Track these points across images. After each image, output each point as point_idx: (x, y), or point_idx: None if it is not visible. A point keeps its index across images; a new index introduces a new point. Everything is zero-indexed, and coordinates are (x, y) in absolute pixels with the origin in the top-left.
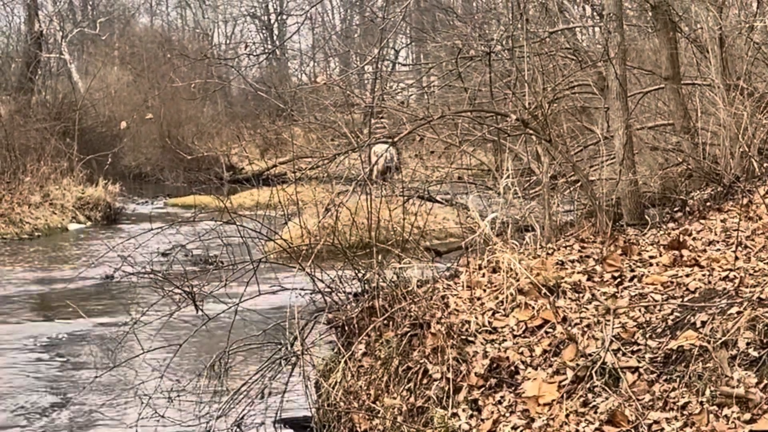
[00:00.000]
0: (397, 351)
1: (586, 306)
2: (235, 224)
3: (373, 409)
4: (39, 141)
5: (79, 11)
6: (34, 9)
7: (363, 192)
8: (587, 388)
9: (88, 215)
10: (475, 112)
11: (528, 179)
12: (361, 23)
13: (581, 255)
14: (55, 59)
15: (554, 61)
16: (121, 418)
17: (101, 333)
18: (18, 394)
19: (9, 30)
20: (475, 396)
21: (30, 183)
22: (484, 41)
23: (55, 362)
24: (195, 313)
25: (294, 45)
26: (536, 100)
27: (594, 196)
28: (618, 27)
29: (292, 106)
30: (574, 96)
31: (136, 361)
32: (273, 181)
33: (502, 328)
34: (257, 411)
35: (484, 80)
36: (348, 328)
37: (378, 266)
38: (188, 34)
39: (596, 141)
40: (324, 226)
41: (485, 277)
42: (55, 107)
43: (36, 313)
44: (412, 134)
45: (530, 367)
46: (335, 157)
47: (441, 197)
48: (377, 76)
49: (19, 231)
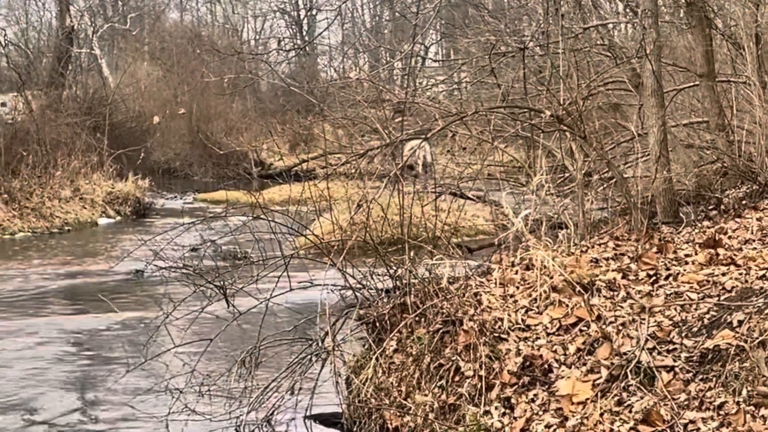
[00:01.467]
0: (429, 348)
1: (621, 304)
2: (266, 219)
3: (404, 406)
4: (70, 136)
5: (110, 6)
6: (66, 4)
7: (395, 188)
8: (622, 387)
9: (117, 210)
10: (508, 108)
11: (561, 176)
12: (392, 19)
13: (616, 253)
14: (86, 54)
15: (588, 57)
16: (152, 412)
17: (132, 327)
18: (49, 388)
19: (40, 25)
20: (508, 394)
21: (60, 177)
22: (518, 37)
23: (85, 356)
24: (226, 308)
25: (323, 41)
26: (571, 96)
27: (629, 193)
28: (653, 23)
29: (322, 102)
30: (607, 92)
31: (167, 356)
32: (302, 177)
33: (536, 325)
34: (287, 406)
35: (518, 76)
36: (379, 324)
37: (410, 262)
38: (218, 30)
39: (630, 138)
40: (355, 222)
41: (518, 275)
42: (86, 102)
43: (67, 308)
44: (444, 130)
45: (564, 366)
46: (366, 153)
47: (473, 194)
48: (408, 71)
49: (50, 225)
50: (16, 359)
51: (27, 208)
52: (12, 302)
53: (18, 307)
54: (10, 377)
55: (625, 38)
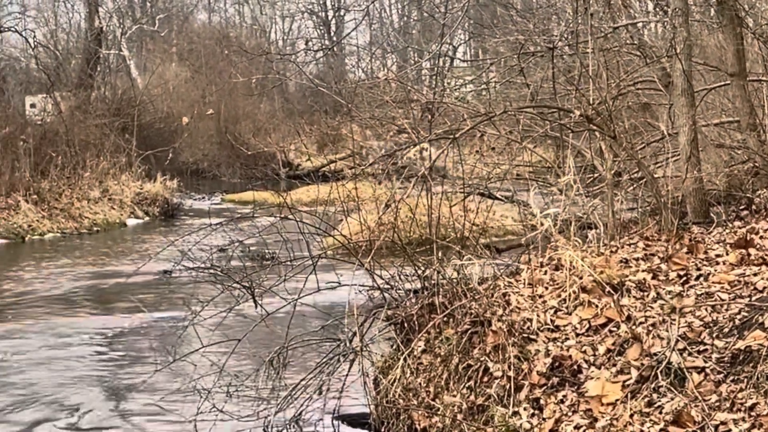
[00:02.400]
0: (457, 348)
1: (651, 305)
2: (294, 220)
3: (433, 407)
4: (98, 136)
5: (138, 8)
6: (95, 6)
7: (423, 188)
8: (652, 388)
9: (146, 210)
10: (537, 108)
11: (590, 176)
12: (420, 19)
13: (646, 253)
14: (115, 56)
15: (618, 56)
16: (180, 412)
17: (160, 327)
18: (77, 387)
19: (69, 27)
20: (537, 395)
21: (89, 178)
22: (547, 37)
23: (114, 356)
24: (254, 308)
25: (351, 41)
26: (600, 95)
27: (659, 193)
28: (684, 22)
29: (350, 102)
30: (637, 92)
31: (196, 356)
32: (330, 178)
33: (565, 326)
34: (315, 407)
35: (546, 76)
36: (407, 324)
37: (438, 263)
38: (246, 31)
39: (660, 138)
40: (383, 222)
41: (547, 275)
42: (115, 103)
43: (95, 308)
44: (473, 130)
45: (594, 366)
46: (395, 153)
47: (501, 194)
48: (437, 72)
49: (79, 226)
50: (45, 359)
51: (56, 209)
52: (41, 302)
53: (47, 308)
54: (39, 377)
55: (655, 37)
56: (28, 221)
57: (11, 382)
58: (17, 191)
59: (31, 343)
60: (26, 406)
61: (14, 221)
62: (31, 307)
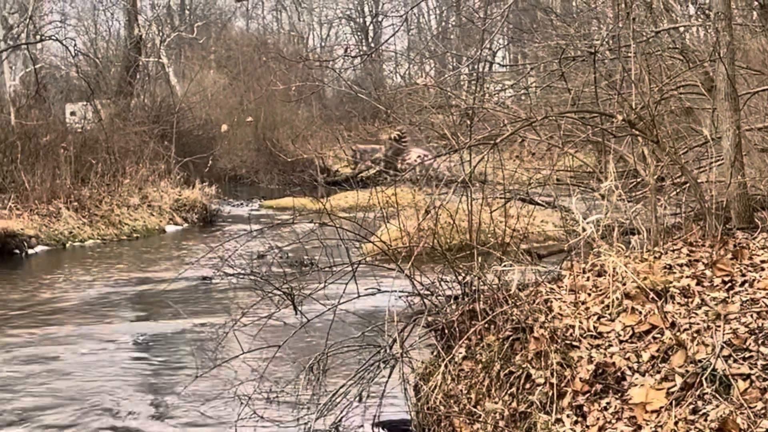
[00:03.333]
0: (499, 355)
1: (696, 311)
2: (333, 226)
3: (474, 414)
4: (138, 144)
5: (177, 16)
6: (134, 14)
7: (463, 194)
8: (697, 396)
9: (184, 217)
10: (579, 112)
11: (633, 181)
12: (458, 24)
13: (690, 259)
14: (154, 63)
15: (660, 61)
16: (220, 418)
17: (200, 333)
18: (118, 393)
19: (109, 35)
20: (580, 402)
21: (129, 185)
22: (588, 41)
23: (154, 362)
24: (293, 314)
25: (389, 47)
26: (643, 100)
27: (702, 198)
28: (726, 26)
29: (389, 108)
30: (680, 96)
31: (236, 362)
32: (369, 183)
33: (608, 333)
34: (355, 413)
35: (588, 80)
36: (448, 331)
37: (478, 269)
38: (283, 37)
39: (703, 142)
40: (423, 228)
41: (590, 281)
42: (154, 110)
43: (136, 314)
44: (513, 136)
45: (637, 373)
46: (434, 159)
47: (542, 200)
48: (477, 77)
49: (118, 232)
50: (87, 365)
51: (96, 216)
52: (82, 309)
53: (88, 314)
54: (81, 383)
55: (698, 41)
56: (68, 228)
57: (53, 388)
58: (58, 198)
59: (72, 349)
60: (67, 411)
61: (55, 228)
62: (72, 313)
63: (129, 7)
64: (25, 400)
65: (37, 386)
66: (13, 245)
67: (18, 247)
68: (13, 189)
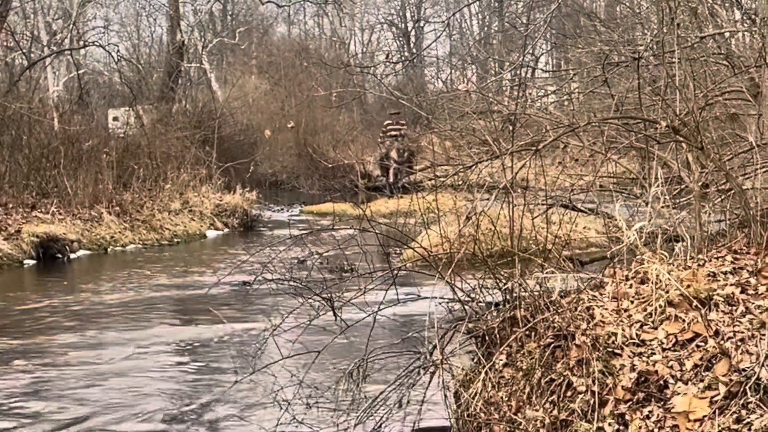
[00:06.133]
0: (540, 362)
1: (740, 319)
2: (373, 232)
3: (515, 421)
4: (179, 149)
5: (219, 21)
6: (176, 20)
7: (504, 200)
8: (741, 405)
9: (225, 222)
10: (622, 118)
11: (677, 188)
12: (501, 29)
13: (734, 267)
14: (196, 69)
15: (705, 66)
16: (260, 423)
17: (240, 338)
18: (157, 398)
19: (151, 41)
20: (622, 410)
21: (170, 190)
22: (631, 47)
23: (194, 367)
24: (333, 320)
25: (431, 52)
26: (687, 106)
27: (747, 205)
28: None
29: (430, 114)
30: (725, 102)
31: (275, 367)
32: (410, 189)
33: (651, 341)
34: (395, 419)
35: (631, 86)
36: (488, 338)
37: (519, 275)
38: (325, 43)
39: (748, 149)
40: (464, 234)
41: (632, 288)
42: (195, 116)
43: (176, 318)
44: (556, 142)
45: (680, 382)
46: (476, 165)
47: (584, 206)
48: (520, 82)
49: (160, 237)
50: (126, 369)
51: (138, 221)
52: (123, 313)
53: (128, 318)
54: (120, 387)
55: (743, 47)
56: (110, 233)
57: (92, 392)
58: (100, 203)
59: (112, 353)
60: (107, 415)
61: (97, 232)
62: (112, 317)
63: (172, 13)
64: (67, 404)
65: (79, 390)
66: (56, 249)
67: (60, 252)
68: (56, 194)
